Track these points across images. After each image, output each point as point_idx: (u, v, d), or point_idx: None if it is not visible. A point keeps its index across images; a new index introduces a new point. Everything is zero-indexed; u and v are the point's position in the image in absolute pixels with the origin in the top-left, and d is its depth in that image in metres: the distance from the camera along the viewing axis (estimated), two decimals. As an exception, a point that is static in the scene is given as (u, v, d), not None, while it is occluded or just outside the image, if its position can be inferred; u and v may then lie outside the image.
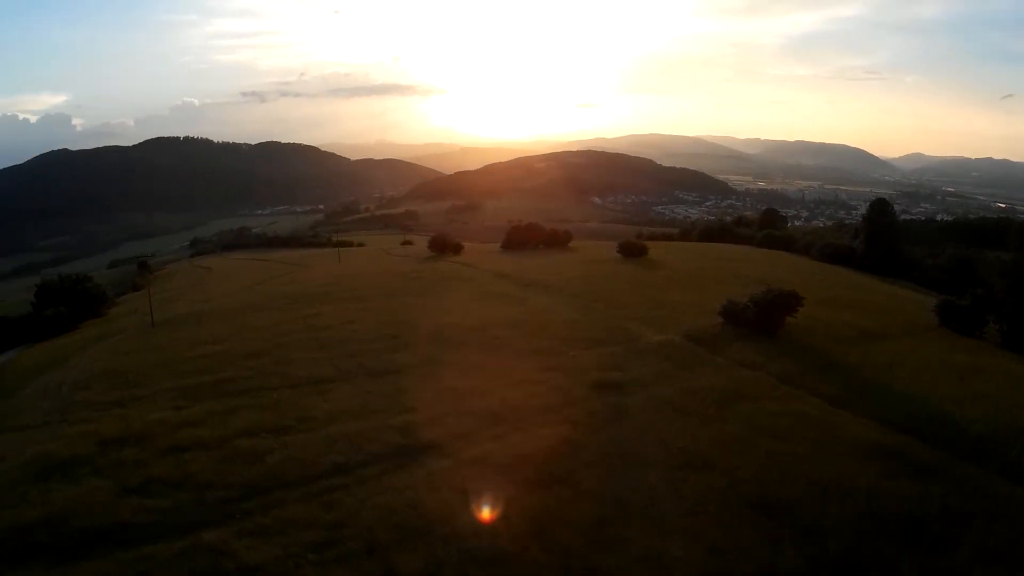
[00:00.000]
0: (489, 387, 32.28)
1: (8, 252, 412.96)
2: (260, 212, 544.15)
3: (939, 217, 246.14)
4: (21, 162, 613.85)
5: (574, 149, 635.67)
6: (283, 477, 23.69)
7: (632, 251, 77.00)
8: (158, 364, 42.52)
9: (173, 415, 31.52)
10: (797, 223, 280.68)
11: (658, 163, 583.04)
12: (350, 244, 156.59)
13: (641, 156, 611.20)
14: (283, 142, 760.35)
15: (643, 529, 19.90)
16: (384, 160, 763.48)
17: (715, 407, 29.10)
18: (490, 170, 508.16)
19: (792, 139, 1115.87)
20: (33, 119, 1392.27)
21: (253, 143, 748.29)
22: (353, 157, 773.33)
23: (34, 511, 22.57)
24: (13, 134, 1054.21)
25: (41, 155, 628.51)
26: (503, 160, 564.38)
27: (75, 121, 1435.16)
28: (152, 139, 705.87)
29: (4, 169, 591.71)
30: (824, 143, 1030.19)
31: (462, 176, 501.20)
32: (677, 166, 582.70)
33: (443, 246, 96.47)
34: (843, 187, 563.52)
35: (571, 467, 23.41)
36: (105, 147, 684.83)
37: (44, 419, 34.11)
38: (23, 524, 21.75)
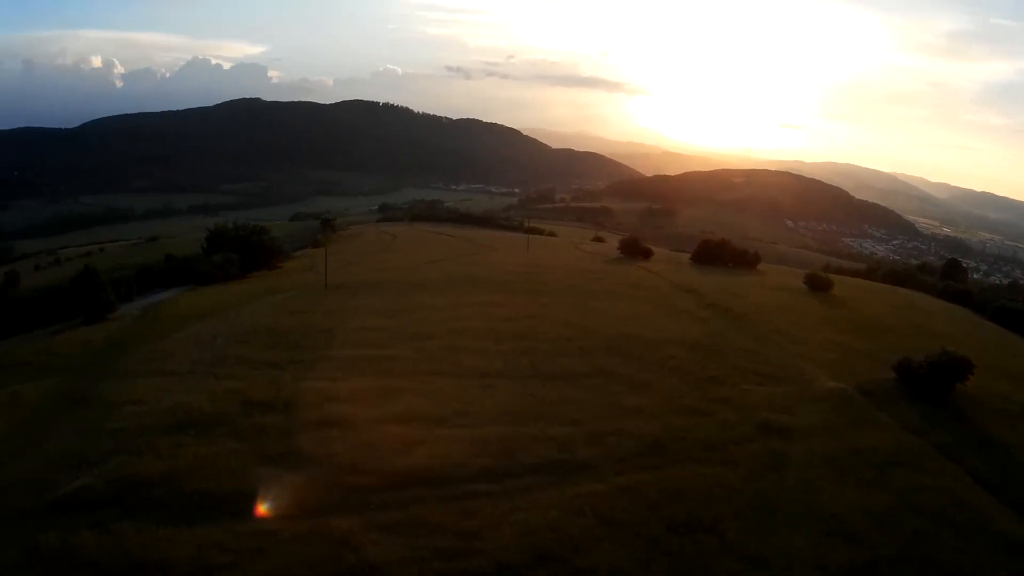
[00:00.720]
0: (656, 410, 31.67)
1: (187, 190, 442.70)
2: (454, 187, 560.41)
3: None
4: (211, 105, 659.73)
5: (772, 168, 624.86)
6: (427, 473, 23.81)
7: (818, 284, 74.93)
8: (323, 330, 43.95)
9: (328, 386, 32.48)
10: (975, 276, 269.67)
11: (852, 195, 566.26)
12: (541, 232, 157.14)
13: (837, 185, 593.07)
14: (484, 120, 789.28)
15: (778, 598, 19.15)
16: (584, 152, 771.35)
17: (873, 472, 27.74)
18: (688, 177, 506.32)
19: (979, 189, 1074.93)
20: (227, 65, 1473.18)
21: (454, 118, 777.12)
22: (553, 145, 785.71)
23: (159, 464, 23.66)
24: (204, 78, 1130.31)
25: (232, 100, 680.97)
26: (702, 169, 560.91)
27: (271, 73, 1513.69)
28: (351, 100, 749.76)
29: (191, 110, 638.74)
30: (1008, 198, 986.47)
31: (660, 179, 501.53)
32: (869, 200, 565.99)
33: (633, 249, 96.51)
34: (1022, 245, 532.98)
35: (720, 514, 22.71)
36: (301, 102, 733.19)
37: (192, 368, 35.78)
38: (144, 475, 22.87)
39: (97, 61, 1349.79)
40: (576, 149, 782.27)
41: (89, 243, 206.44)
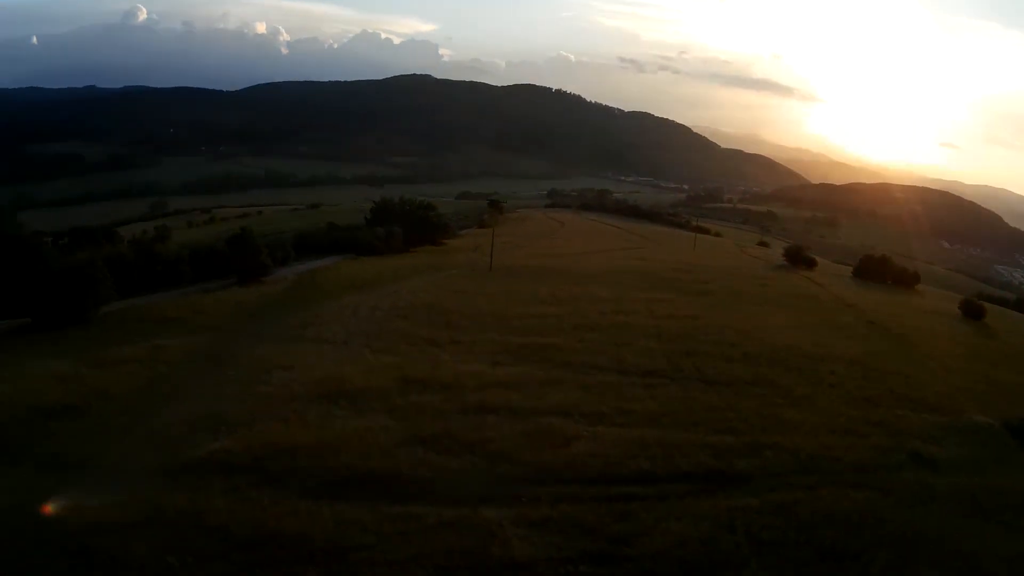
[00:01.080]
0: (812, 426, 30.59)
1: (352, 160, 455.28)
2: (623, 178, 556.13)
3: None
4: (379, 78, 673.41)
5: (932, 187, 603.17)
6: (583, 470, 23.27)
7: (972, 311, 72.80)
8: (486, 312, 44.44)
9: (488, 370, 32.56)
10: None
11: (1006, 221, 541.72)
12: (707, 232, 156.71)
13: (991, 210, 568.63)
14: (656, 115, 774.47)
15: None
16: (753, 155, 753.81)
17: (1012, 514, 25.98)
18: (853, 188, 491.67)
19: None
20: (397, 40, 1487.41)
21: (626, 110, 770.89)
22: (722, 145, 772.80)
23: (306, 434, 23.87)
24: (373, 51, 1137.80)
25: (402, 75, 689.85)
26: (866, 181, 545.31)
27: (442, 51, 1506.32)
28: (524, 84, 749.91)
29: (360, 81, 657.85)
30: None
31: (825, 188, 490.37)
32: (1021, 228, 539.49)
33: (797, 258, 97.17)
34: None
35: (866, 544, 21.58)
36: (473, 82, 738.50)
37: (347, 339, 36.45)
38: (289, 444, 23.05)
39: (262, 27, 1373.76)
40: (745, 151, 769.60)
41: (247, 204, 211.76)
